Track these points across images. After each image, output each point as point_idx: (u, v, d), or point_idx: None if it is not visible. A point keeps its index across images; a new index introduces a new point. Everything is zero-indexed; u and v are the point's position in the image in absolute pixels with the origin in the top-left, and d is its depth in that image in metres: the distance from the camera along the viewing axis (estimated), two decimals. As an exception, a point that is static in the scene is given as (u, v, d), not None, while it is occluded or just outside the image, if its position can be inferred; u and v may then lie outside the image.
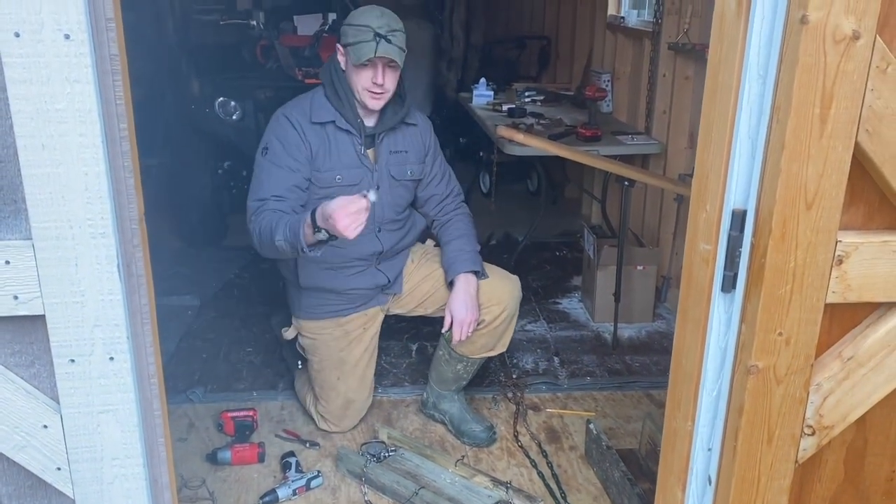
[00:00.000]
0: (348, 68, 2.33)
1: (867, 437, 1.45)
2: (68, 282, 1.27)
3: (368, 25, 2.23)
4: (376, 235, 2.45)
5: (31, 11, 1.14)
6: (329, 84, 2.38)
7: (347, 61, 2.32)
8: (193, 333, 3.31)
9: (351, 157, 2.38)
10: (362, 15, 2.28)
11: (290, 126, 2.33)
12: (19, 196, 1.24)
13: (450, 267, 2.49)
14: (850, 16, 1.15)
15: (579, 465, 2.50)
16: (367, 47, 2.23)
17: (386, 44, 2.22)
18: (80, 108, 1.19)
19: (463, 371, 2.62)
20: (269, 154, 2.32)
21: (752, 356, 1.32)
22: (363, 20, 2.25)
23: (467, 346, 2.54)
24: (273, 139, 2.34)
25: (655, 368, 3.08)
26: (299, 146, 2.31)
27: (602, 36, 4.60)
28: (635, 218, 3.85)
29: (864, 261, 1.29)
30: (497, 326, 2.51)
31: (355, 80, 2.31)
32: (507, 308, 2.50)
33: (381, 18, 2.25)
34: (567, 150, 3.17)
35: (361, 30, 2.24)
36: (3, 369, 1.32)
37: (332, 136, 2.36)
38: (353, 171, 2.38)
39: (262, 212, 2.22)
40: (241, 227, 4.92)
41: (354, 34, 2.25)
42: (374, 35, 2.22)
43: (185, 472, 2.37)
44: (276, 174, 2.29)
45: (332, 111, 2.36)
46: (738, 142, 1.29)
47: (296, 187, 2.30)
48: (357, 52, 2.24)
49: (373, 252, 2.46)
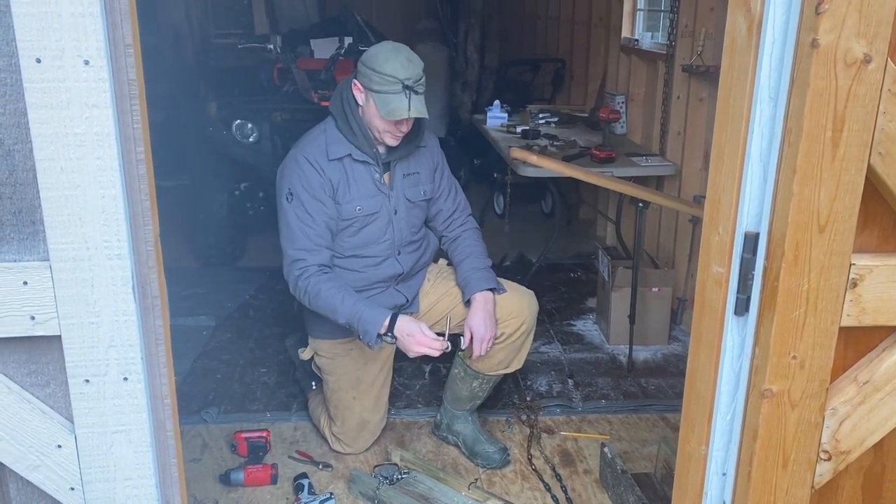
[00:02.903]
0: (368, 107, 2.30)
1: (885, 463, 1.43)
2: (84, 303, 1.28)
3: (396, 77, 2.20)
4: (396, 258, 2.48)
5: (53, 38, 1.17)
6: (341, 116, 2.37)
7: (368, 102, 2.29)
8: (208, 354, 3.33)
9: (369, 186, 2.39)
10: (388, 62, 2.22)
11: (309, 167, 2.33)
12: (38, 218, 1.26)
13: (466, 286, 2.49)
14: (860, 39, 1.15)
15: (594, 489, 2.47)
16: (397, 101, 2.21)
17: (416, 98, 2.21)
18: (98, 132, 1.22)
19: (478, 388, 2.60)
20: (295, 201, 2.33)
21: (766, 380, 1.31)
22: (390, 70, 2.21)
23: (484, 363, 2.53)
24: (296, 184, 2.33)
25: (671, 391, 3.05)
26: (322, 186, 2.32)
27: (616, 58, 4.62)
28: (650, 239, 3.84)
29: (880, 284, 1.28)
30: (515, 340, 2.50)
31: (377, 122, 2.29)
32: (526, 321, 2.49)
33: (407, 68, 2.22)
34: (581, 172, 3.17)
35: (388, 79, 2.21)
36: (20, 389, 1.34)
37: (350, 168, 2.37)
38: (371, 200, 2.40)
39: (312, 276, 2.30)
40: (258, 248, 4.96)
41: (380, 82, 2.22)
42: (402, 87, 2.20)
43: (197, 493, 2.38)
44: (307, 221, 2.32)
45: (347, 145, 2.36)
46: (750, 165, 1.29)
47: (327, 229, 2.35)
48: (386, 105, 2.22)
49: (393, 275, 2.49)
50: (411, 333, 2.23)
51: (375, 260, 2.46)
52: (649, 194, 3.14)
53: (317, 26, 5.43)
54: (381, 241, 2.45)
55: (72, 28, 1.17)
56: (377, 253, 2.46)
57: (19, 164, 1.24)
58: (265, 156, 4.18)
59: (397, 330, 2.25)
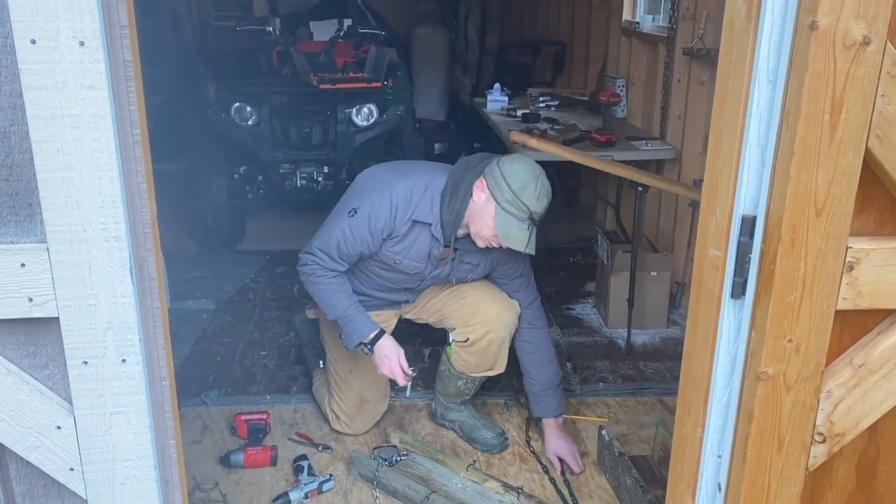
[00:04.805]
0: (483, 211, 2.21)
1: (879, 445, 1.44)
2: (82, 285, 1.29)
3: (529, 208, 2.15)
4: (408, 293, 2.56)
5: (47, 19, 1.16)
6: (453, 192, 2.27)
7: (486, 207, 2.20)
8: (208, 337, 3.34)
9: (422, 253, 2.36)
10: (526, 189, 2.15)
11: (388, 208, 2.26)
12: (35, 200, 1.26)
13: (538, 404, 2.57)
14: (860, 21, 1.14)
15: (591, 471, 2.49)
16: (518, 231, 2.16)
17: (534, 232, 2.18)
18: (94, 113, 1.21)
19: (464, 387, 2.62)
20: (353, 221, 2.28)
21: (762, 363, 1.32)
22: (526, 199, 2.15)
23: (463, 364, 2.56)
24: (365, 210, 2.28)
25: (669, 375, 3.06)
26: (384, 229, 2.29)
27: (617, 41, 4.59)
28: (649, 223, 3.83)
29: (876, 267, 1.28)
30: (486, 347, 2.48)
31: (483, 229, 2.23)
32: (492, 331, 2.47)
33: (541, 202, 2.18)
34: (581, 156, 3.17)
35: (520, 206, 2.15)
36: (18, 371, 1.35)
37: (420, 232, 2.33)
38: (416, 263, 2.38)
39: (326, 275, 2.35)
40: (258, 232, 4.96)
41: (511, 203, 2.15)
42: (529, 219, 2.17)
43: (198, 475, 2.39)
44: (348, 241, 2.31)
45: (435, 216, 2.29)
46: (748, 148, 1.29)
47: (359, 256, 2.36)
48: (505, 228, 2.17)
49: (398, 301, 2.59)
50: (388, 357, 2.34)
51: (386, 286, 2.51)
52: (649, 178, 3.13)
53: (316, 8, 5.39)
54: (402, 285, 2.50)
55: (66, 8, 1.16)
56: (391, 286, 2.51)
57: (15, 146, 1.24)
58: (264, 139, 4.16)
59: (377, 347, 2.34)
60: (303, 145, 4.22)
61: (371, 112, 4.27)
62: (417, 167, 2.46)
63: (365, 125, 4.26)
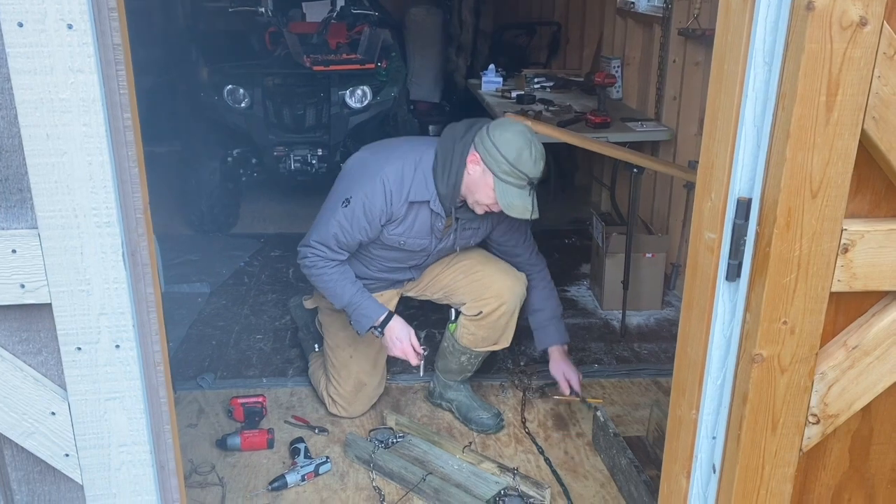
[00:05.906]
0: (481, 183, 2.21)
1: (872, 426, 1.44)
2: (74, 270, 1.28)
3: (527, 174, 2.16)
4: (412, 270, 2.57)
5: (35, 2, 1.14)
6: (445, 165, 2.26)
7: (483, 179, 2.20)
8: (203, 320, 3.33)
9: (425, 228, 2.36)
10: (521, 156, 2.15)
11: (381, 194, 2.26)
12: (25, 185, 1.25)
13: (543, 333, 2.68)
14: (857, 2, 1.13)
15: (586, 452, 2.50)
16: (520, 199, 2.17)
17: (535, 196, 2.19)
18: (83, 97, 1.20)
19: (467, 363, 2.63)
20: (347, 211, 2.27)
21: (757, 345, 1.32)
22: (523, 166, 2.15)
23: (469, 339, 2.56)
24: (358, 198, 2.27)
25: (664, 356, 3.07)
26: (381, 215, 2.28)
27: (612, 22, 4.56)
28: (644, 205, 3.83)
29: (870, 249, 1.28)
30: (497, 319, 2.51)
31: (482, 198, 2.24)
32: (506, 303, 2.50)
33: (538, 165, 2.17)
34: (576, 137, 3.15)
35: (518, 174, 2.16)
36: (12, 357, 1.34)
37: (419, 211, 2.32)
38: (420, 240, 2.39)
39: (328, 265, 2.35)
40: (251, 215, 4.94)
41: (508, 174, 2.16)
42: (528, 182, 2.17)
43: (194, 458, 2.40)
44: (345, 232, 2.30)
45: (431, 191, 2.28)
46: (744, 130, 1.28)
47: (358, 244, 2.36)
48: (507, 198, 2.17)
49: (402, 279, 2.60)
50: (400, 338, 2.38)
51: (392, 267, 2.51)
52: (644, 160, 3.12)
53: (309, -11, 5.35)
54: (408, 262, 2.50)
55: (54, -9, 1.14)
56: (398, 266, 2.51)
57: (4, 131, 1.22)
58: (257, 121, 4.14)
59: (388, 329, 2.37)
60: (296, 128, 4.20)
61: (365, 94, 4.24)
62: (402, 145, 2.46)
63: (359, 107, 4.24)
